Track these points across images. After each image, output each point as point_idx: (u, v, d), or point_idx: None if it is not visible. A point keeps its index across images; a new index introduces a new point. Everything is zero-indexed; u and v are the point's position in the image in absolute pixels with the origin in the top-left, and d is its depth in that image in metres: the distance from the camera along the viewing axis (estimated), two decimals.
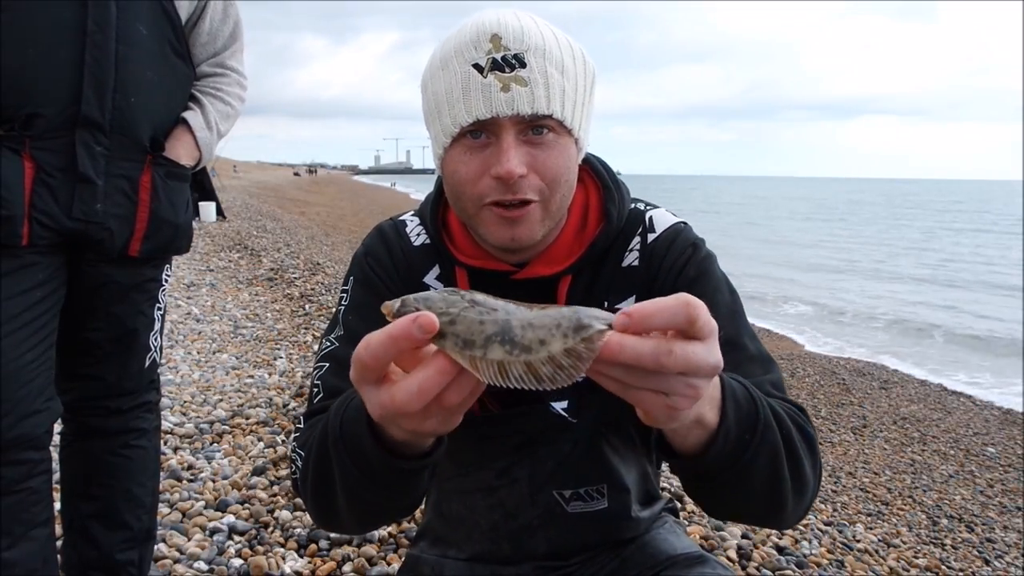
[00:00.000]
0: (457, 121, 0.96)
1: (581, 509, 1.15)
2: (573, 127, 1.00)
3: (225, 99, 1.70)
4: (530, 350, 0.62)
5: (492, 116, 0.94)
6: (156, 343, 1.71)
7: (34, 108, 1.40)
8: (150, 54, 1.53)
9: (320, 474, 0.89)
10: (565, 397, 1.11)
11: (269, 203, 23.85)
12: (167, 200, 1.60)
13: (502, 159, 0.95)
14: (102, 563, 1.69)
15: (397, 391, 0.64)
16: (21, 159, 1.41)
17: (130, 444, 1.71)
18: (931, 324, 12.81)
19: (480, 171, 0.97)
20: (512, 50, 0.95)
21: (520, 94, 0.94)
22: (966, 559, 3.79)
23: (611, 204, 1.10)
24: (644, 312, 0.63)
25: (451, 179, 1.01)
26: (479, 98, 0.94)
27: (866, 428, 6.24)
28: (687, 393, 0.66)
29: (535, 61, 0.95)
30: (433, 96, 1.00)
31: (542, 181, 0.98)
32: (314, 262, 9.01)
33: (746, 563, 2.55)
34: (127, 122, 1.50)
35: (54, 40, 1.41)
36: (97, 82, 1.44)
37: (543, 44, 0.97)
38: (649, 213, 1.13)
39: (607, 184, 1.12)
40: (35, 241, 1.44)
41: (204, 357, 4.60)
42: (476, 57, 0.95)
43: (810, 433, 0.92)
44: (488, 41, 0.95)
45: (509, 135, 0.95)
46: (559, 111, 0.97)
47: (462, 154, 0.99)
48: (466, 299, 0.63)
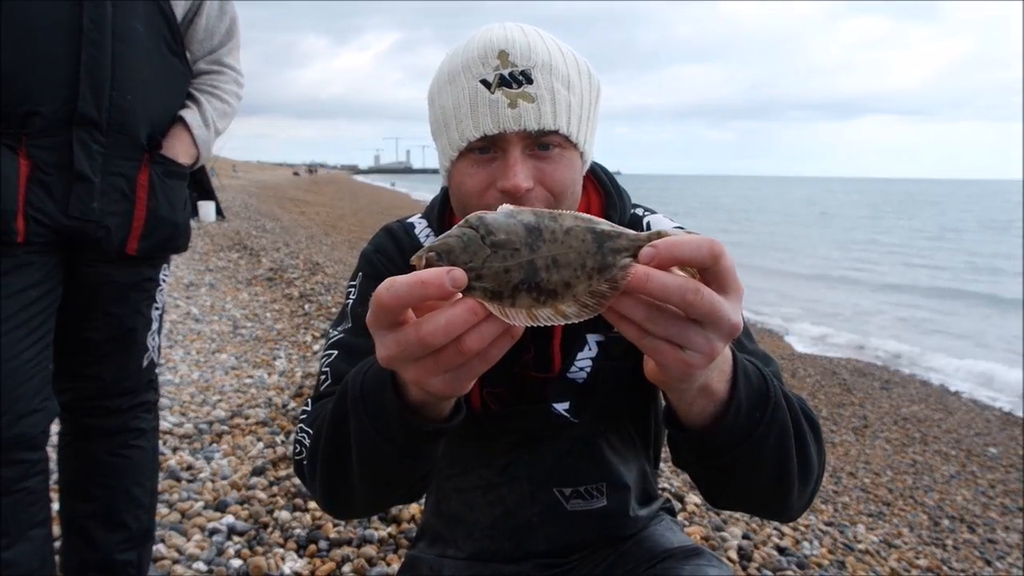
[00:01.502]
0: (465, 136, 0.98)
1: (581, 507, 1.16)
2: (578, 141, 1.02)
3: (222, 97, 1.69)
4: (556, 294, 0.63)
5: (500, 132, 0.96)
6: (154, 343, 1.70)
7: (31, 106, 1.40)
8: (146, 52, 1.52)
9: (335, 444, 0.89)
10: (566, 398, 1.12)
11: (268, 203, 23.85)
12: (165, 198, 1.59)
13: (508, 173, 0.97)
14: (101, 563, 1.69)
15: (423, 322, 0.63)
16: (17, 156, 1.40)
17: (129, 444, 1.70)
18: (931, 320, 12.82)
19: (486, 184, 0.99)
20: (519, 66, 0.97)
21: (527, 110, 0.96)
22: (967, 560, 3.78)
23: (612, 210, 1.12)
24: (670, 241, 0.63)
25: (458, 191, 1.03)
26: (487, 114, 0.96)
27: (867, 428, 6.23)
28: (704, 349, 0.66)
29: (542, 77, 0.98)
30: (441, 110, 1.02)
31: (548, 193, 1.00)
32: (313, 262, 9.00)
33: (747, 563, 2.54)
34: (124, 120, 1.49)
35: (51, 38, 1.40)
36: (94, 80, 1.43)
37: (549, 60, 0.99)
38: (647, 218, 1.15)
39: (609, 191, 1.14)
40: (31, 239, 1.43)
41: (203, 357, 4.59)
42: (484, 73, 0.97)
43: (814, 419, 0.93)
44: (496, 57, 0.98)
45: (516, 150, 0.98)
46: (565, 126, 0.99)
47: (469, 167, 1.01)
48: (487, 242, 0.63)
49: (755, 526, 2.95)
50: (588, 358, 1.12)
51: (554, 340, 1.12)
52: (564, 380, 1.12)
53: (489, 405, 1.17)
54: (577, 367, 1.12)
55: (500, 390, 1.16)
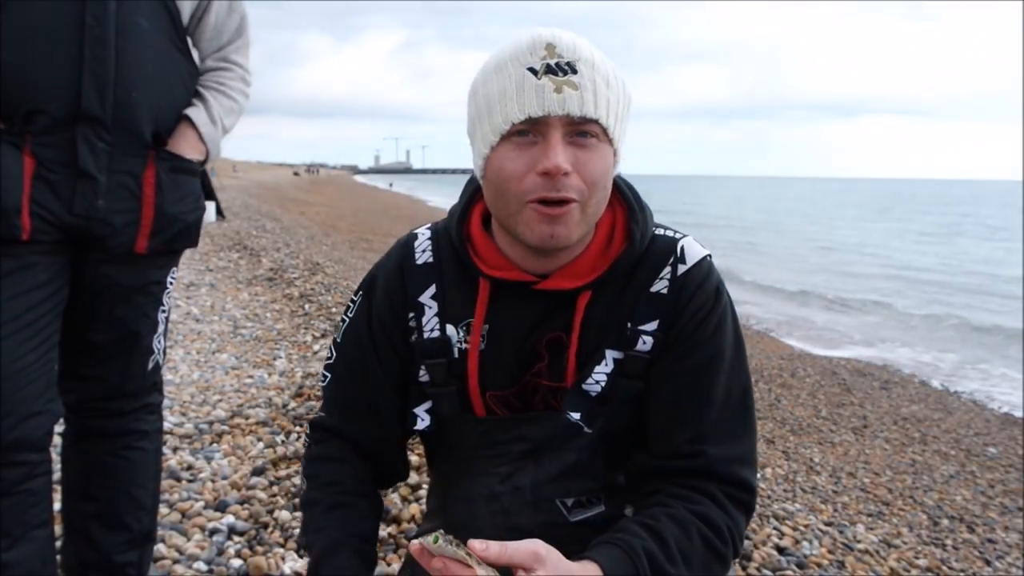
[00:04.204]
0: (509, 118, 1.02)
1: (581, 516, 1.18)
2: (614, 136, 1.06)
3: (228, 93, 1.68)
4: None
5: (544, 114, 1.00)
6: (159, 345, 1.70)
7: (35, 104, 1.40)
8: (151, 48, 1.52)
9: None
10: (579, 409, 1.14)
11: (269, 203, 23.83)
12: (173, 195, 1.57)
13: (550, 154, 1.00)
14: (101, 564, 1.69)
15: None
16: (21, 154, 1.40)
17: (131, 446, 1.70)
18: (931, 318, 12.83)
19: (527, 167, 1.02)
20: (565, 58, 1.02)
21: (571, 96, 1.00)
22: (967, 560, 3.78)
23: (635, 225, 1.14)
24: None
25: (497, 176, 1.06)
26: (532, 97, 1.00)
27: (867, 428, 6.24)
28: None
29: (585, 70, 1.02)
30: (485, 98, 1.06)
31: (583, 182, 1.03)
32: (314, 262, 9.00)
33: (747, 563, 2.54)
34: (129, 117, 1.48)
35: (53, 36, 1.40)
36: (97, 77, 1.43)
37: (592, 58, 1.04)
38: (681, 242, 1.17)
39: (632, 206, 1.16)
40: (36, 237, 1.43)
41: (203, 357, 4.59)
42: (531, 62, 1.02)
43: (719, 548, 1.05)
44: (543, 48, 1.03)
45: (557, 133, 1.01)
46: (604, 117, 1.03)
47: (510, 151, 1.04)
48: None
49: (754, 525, 2.96)
50: (604, 373, 1.13)
51: (570, 350, 1.13)
52: (578, 390, 1.14)
53: (494, 410, 1.18)
54: (593, 380, 1.13)
55: (504, 394, 1.17)
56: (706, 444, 1.09)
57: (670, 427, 1.11)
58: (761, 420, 5.91)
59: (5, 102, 1.38)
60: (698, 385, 1.11)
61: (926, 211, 59.88)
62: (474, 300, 1.16)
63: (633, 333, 1.12)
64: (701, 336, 1.11)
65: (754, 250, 24.54)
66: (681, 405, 1.11)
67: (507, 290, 1.14)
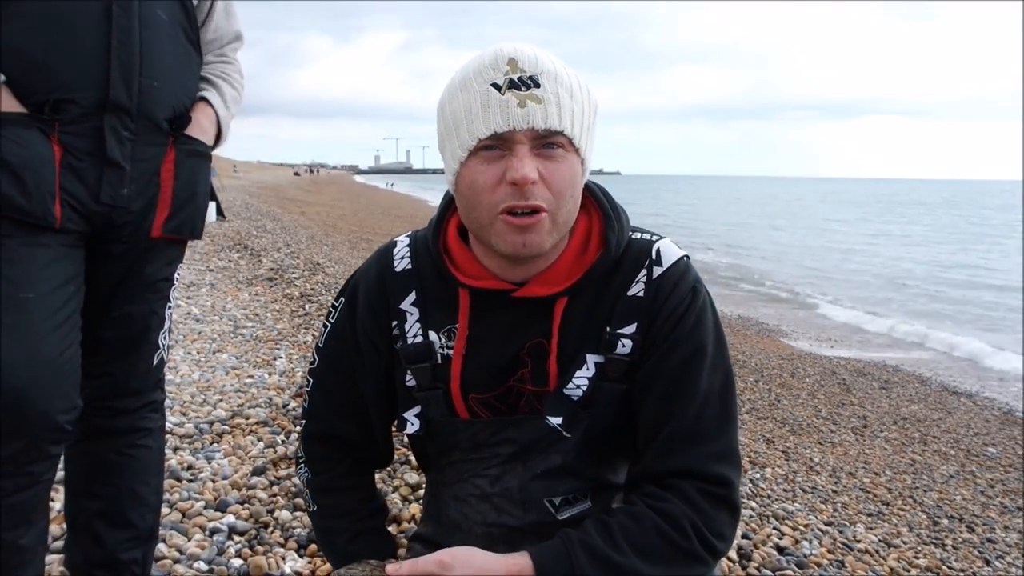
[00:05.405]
0: (475, 134, 1.04)
1: (569, 513, 1.20)
2: (580, 146, 1.08)
3: (233, 84, 1.72)
4: None
5: (509, 129, 1.02)
6: (165, 342, 1.71)
7: (64, 93, 1.40)
8: (169, 39, 1.54)
9: None
10: (560, 413, 1.16)
11: (269, 203, 23.85)
12: (187, 178, 1.60)
13: (516, 165, 1.03)
14: (106, 561, 1.70)
15: None
16: (50, 142, 1.41)
17: (136, 444, 1.71)
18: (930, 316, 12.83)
19: (496, 179, 1.05)
20: (528, 72, 1.04)
21: (535, 110, 1.03)
22: (967, 559, 3.78)
23: (610, 232, 1.16)
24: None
25: (468, 189, 1.08)
26: (497, 112, 1.03)
27: (866, 428, 6.24)
28: None
29: (548, 83, 1.05)
30: (452, 115, 1.08)
31: (550, 192, 1.05)
32: (314, 262, 9.01)
33: (746, 563, 2.54)
34: (151, 106, 1.50)
35: (81, 25, 1.41)
36: (124, 66, 1.44)
37: (555, 70, 1.06)
38: (656, 244, 1.18)
39: (608, 212, 1.18)
40: (65, 226, 1.44)
41: (204, 357, 4.59)
42: (495, 77, 1.04)
43: (685, 546, 1.06)
44: (506, 64, 1.05)
45: (523, 147, 1.04)
46: (569, 128, 1.05)
47: (479, 164, 1.06)
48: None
49: (754, 525, 2.96)
50: (586, 377, 1.15)
51: (550, 357, 1.15)
52: (560, 395, 1.15)
53: (477, 413, 1.20)
54: (574, 384, 1.15)
55: (486, 397, 1.19)
56: (684, 444, 1.11)
57: (656, 426, 1.13)
58: (761, 420, 5.92)
59: (32, 91, 1.39)
60: (681, 382, 1.12)
61: (926, 211, 59.92)
62: (455, 308, 1.18)
63: (612, 337, 1.14)
64: (680, 334, 1.13)
65: (754, 250, 24.55)
66: (665, 403, 1.13)
67: (486, 299, 1.16)
